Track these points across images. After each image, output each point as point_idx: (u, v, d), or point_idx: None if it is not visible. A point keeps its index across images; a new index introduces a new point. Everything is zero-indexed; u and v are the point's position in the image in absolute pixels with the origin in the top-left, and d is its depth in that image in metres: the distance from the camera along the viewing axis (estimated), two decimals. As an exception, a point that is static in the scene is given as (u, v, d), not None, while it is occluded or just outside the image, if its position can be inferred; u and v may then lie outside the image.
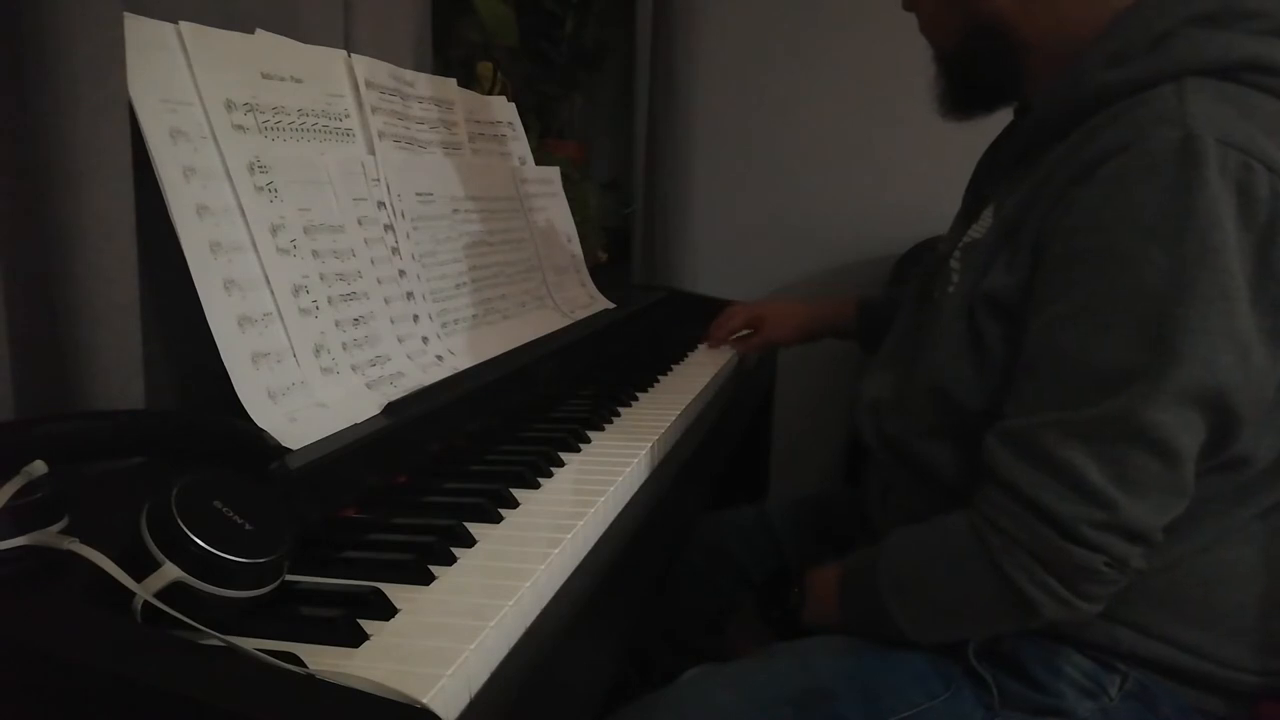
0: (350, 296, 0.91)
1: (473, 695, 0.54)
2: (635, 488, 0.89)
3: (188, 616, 0.51)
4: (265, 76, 0.90)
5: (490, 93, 1.62)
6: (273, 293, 0.81)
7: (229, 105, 0.84)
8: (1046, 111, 0.82)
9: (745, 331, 1.48)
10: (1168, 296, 0.69)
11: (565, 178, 1.57)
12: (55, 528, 0.55)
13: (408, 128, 1.13)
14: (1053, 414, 0.74)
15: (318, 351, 0.84)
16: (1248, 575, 0.79)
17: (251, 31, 0.90)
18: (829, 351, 1.79)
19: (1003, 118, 0.97)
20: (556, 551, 0.69)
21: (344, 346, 0.88)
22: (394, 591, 0.61)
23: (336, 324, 0.88)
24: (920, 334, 0.92)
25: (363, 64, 1.05)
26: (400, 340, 0.97)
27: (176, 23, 0.81)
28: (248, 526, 0.55)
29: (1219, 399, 0.70)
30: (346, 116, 1.01)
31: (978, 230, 0.89)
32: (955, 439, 0.84)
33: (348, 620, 0.56)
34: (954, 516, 0.80)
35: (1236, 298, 0.69)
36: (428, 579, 0.65)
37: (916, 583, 0.82)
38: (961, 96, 0.94)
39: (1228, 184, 0.69)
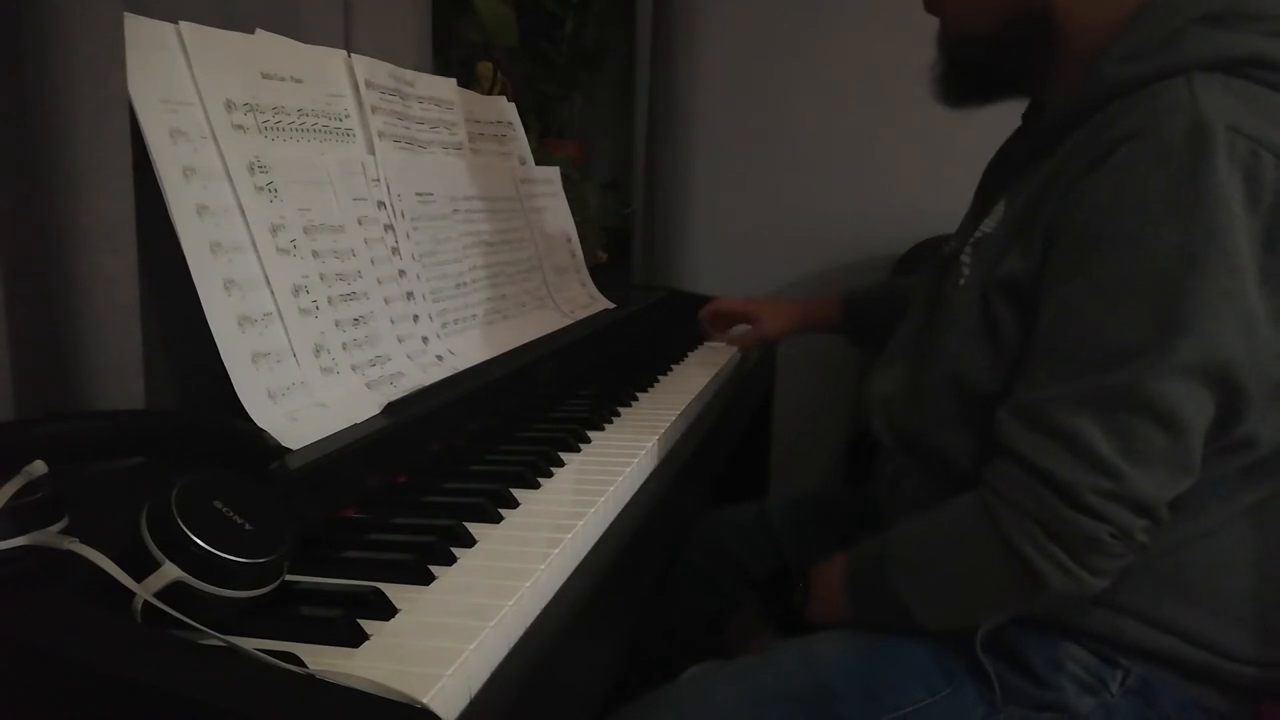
0: (350, 296, 0.91)
1: (473, 695, 0.54)
2: (635, 488, 0.89)
3: (188, 616, 0.51)
4: (265, 76, 0.90)
5: (490, 93, 1.62)
6: (273, 293, 0.81)
7: (229, 105, 0.84)
8: (1062, 108, 0.83)
9: (743, 327, 1.51)
10: (1175, 273, 0.71)
11: (565, 178, 1.57)
12: (55, 528, 0.55)
13: (408, 128, 1.13)
14: (1062, 386, 0.75)
15: (318, 351, 0.84)
16: (1251, 561, 0.80)
17: (251, 31, 0.90)
18: (829, 351, 1.80)
19: (1003, 118, 0.97)
20: (556, 551, 0.69)
21: (344, 346, 0.88)
22: (394, 591, 0.61)
23: (336, 324, 0.88)
24: (933, 330, 0.92)
25: (363, 64, 1.05)
26: (400, 340, 0.97)
27: (176, 23, 0.81)
28: (248, 526, 0.55)
29: (1225, 374, 0.72)
30: (346, 116, 1.01)
31: (989, 225, 0.90)
32: (970, 428, 0.85)
33: (348, 620, 0.56)
34: (964, 496, 0.81)
35: (1243, 276, 0.71)
36: (428, 579, 0.65)
37: (926, 563, 0.83)
38: (966, 83, 0.93)
39: (1235, 169, 0.71)
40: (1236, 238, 0.71)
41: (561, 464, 0.91)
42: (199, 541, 0.52)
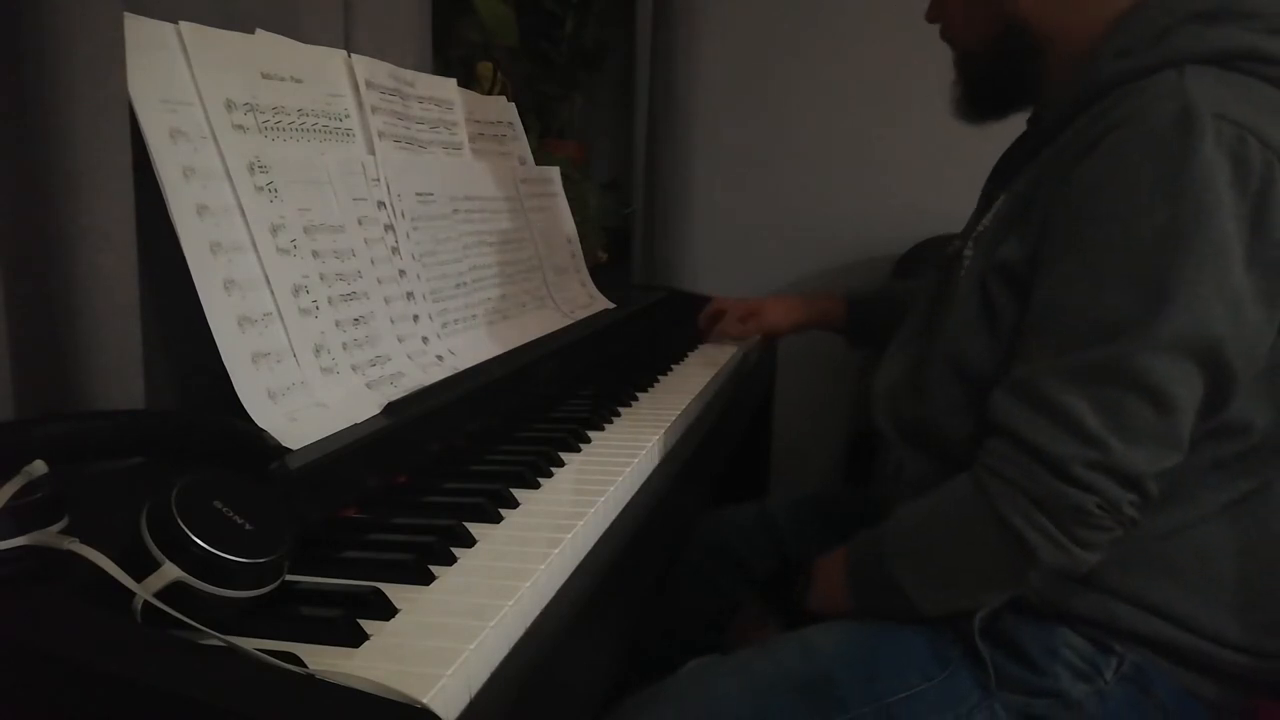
0: (350, 296, 0.91)
1: (473, 695, 0.54)
2: (635, 488, 0.89)
3: (188, 616, 0.50)
4: (265, 76, 0.90)
5: (490, 93, 1.62)
6: (273, 293, 0.81)
7: (229, 105, 0.84)
8: (1060, 107, 0.85)
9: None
10: (1162, 251, 0.73)
11: (565, 178, 1.57)
12: (55, 528, 0.55)
13: (408, 128, 1.13)
14: (1053, 362, 0.77)
15: (318, 351, 0.84)
16: (1242, 550, 0.81)
17: (251, 31, 0.90)
18: (829, 351, 1.80)
19: (1010, 119, 0.98)
20: (557, 551, 0.69)
21: (344, 346, 0.88)
22: (394, 591, 0.61)
23: (336, 324, 0.88)
24: (935, 323, 0.93)
25: (363, 64, 1.05)
26: (400, 340, 0.97)
27: (176, 23, 0.81)
28: (248, 526, 0.55)
29: (1211, 351, 0.73)
30: (346, 116, 1.01)
31: (989, 220, 0.91)
32: (971, 415, 0.86)
33: (348, 620, 0.56)
34: (959, 477, 0.82)
35: (1230, 255, 0.73)
36: (428, 579, 0.65)
37: (924, 548, 0.84)
38: (982, 99, 0.98)
39: (1222, 152, 0.73)
40: (1222, 219, 0.72)
41: (561, 464, 0.91)
42: (199, 541, 0.52)
